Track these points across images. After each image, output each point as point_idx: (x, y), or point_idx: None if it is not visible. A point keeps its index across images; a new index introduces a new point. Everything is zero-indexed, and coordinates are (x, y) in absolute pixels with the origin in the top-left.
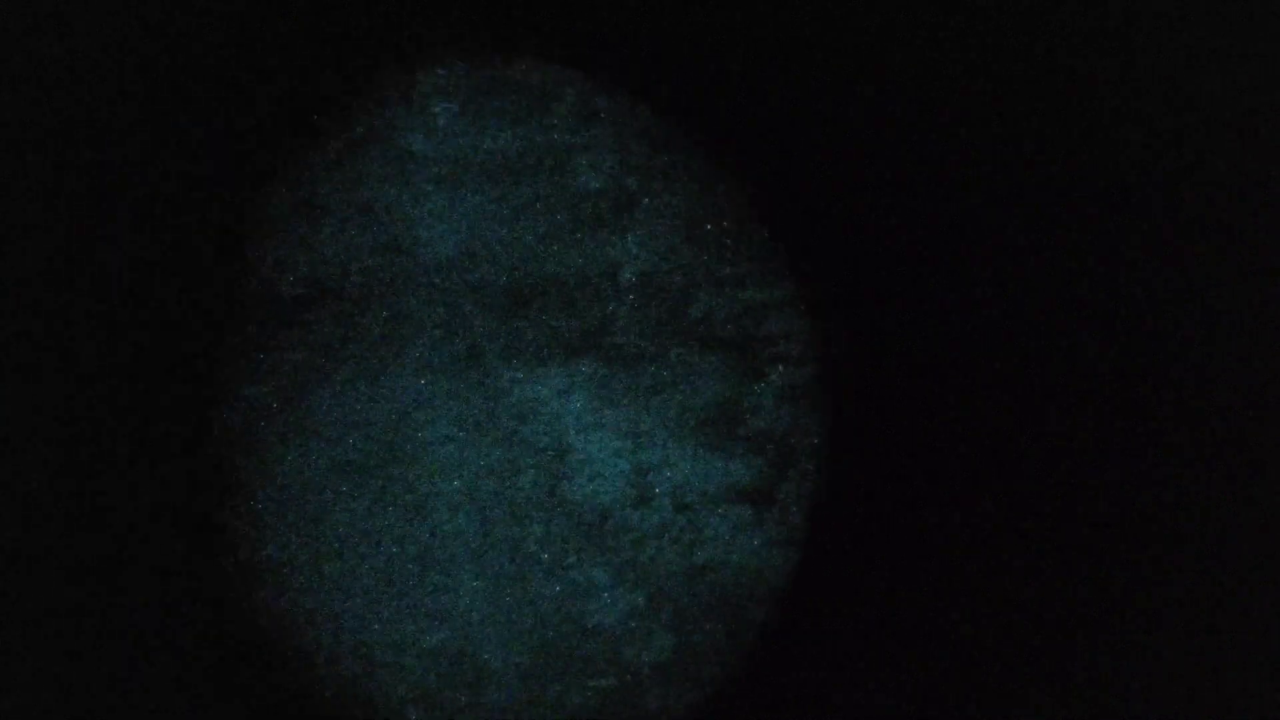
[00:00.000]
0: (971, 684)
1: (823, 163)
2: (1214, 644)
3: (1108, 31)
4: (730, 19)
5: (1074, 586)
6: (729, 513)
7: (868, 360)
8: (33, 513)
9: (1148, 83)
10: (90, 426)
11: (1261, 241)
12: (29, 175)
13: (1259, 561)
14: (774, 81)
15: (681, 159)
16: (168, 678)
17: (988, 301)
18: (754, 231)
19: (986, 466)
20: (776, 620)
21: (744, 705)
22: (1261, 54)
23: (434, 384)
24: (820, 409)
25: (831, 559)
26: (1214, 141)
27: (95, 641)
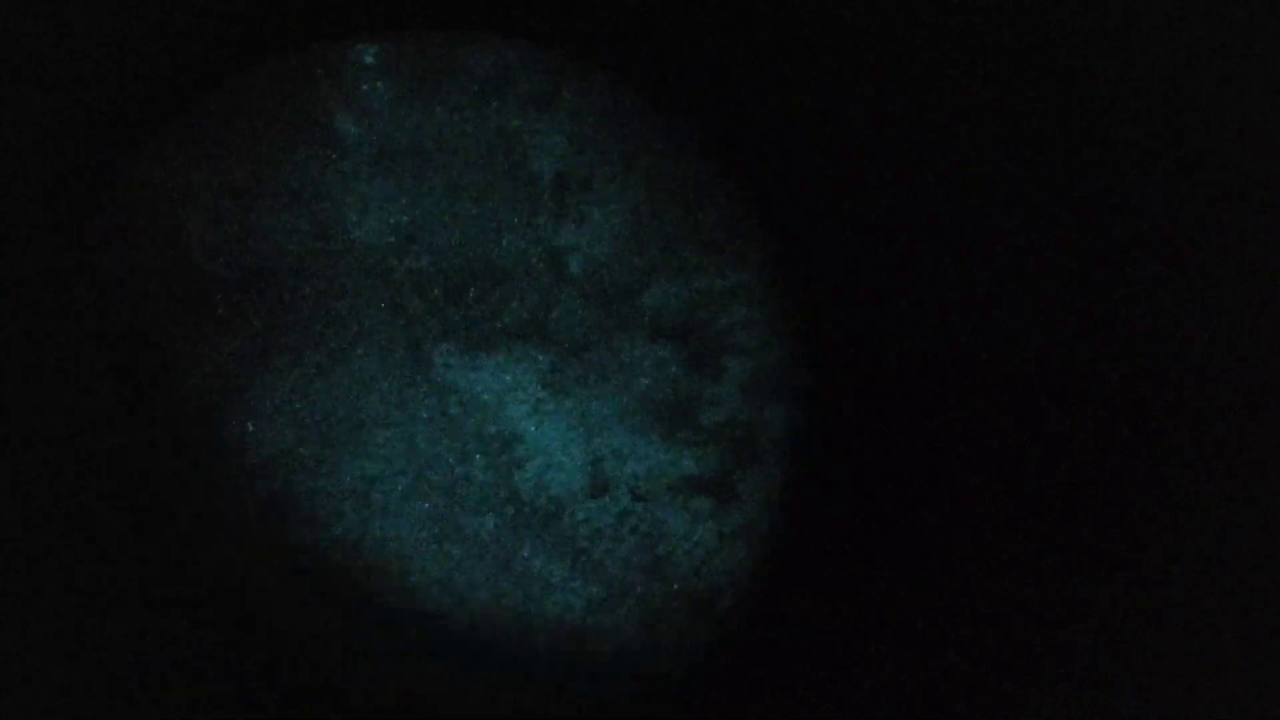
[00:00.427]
0: (937, 672)
1: (792, 150)
2: (1209, 641)
3: (1081, 23)
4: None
5: (1046, 577)
6: (688, 504)
7: (831, 350)
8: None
9: (1132, 75)
10: (25, 423)
11: (1258, 241)
12: None
13: (1244, 560)
14: (740, 65)
15: (638, 146)
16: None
17: (956, 289)
18: (710, 219)
19: (952, 455)
20: (739, 611)
21: (707, 696)
22: (1261, 54)
23: (374, 371)
24: (779, 399)
25: (792, 549)
26: (1193, 139)
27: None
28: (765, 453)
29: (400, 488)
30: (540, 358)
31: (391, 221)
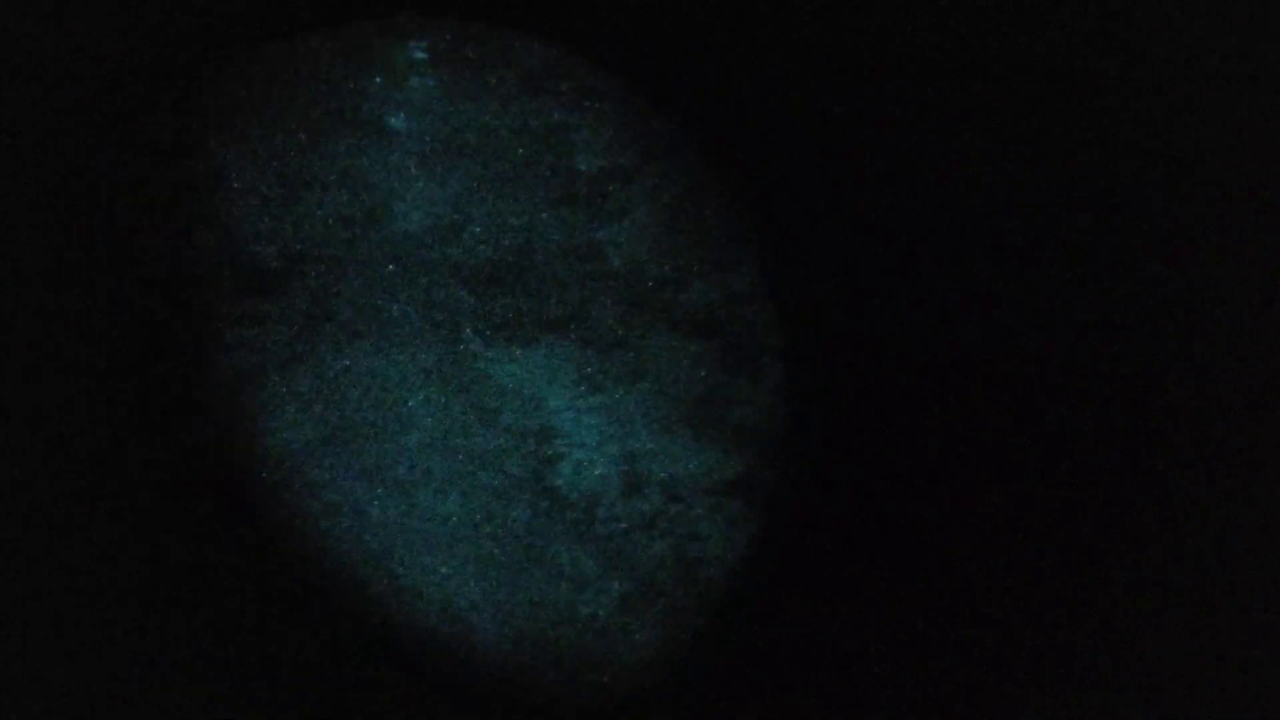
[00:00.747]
0: (954, 673)
1: (790, 150)
2: (1208, 641)
3: (1081, 23)
4: (733, 12)
5: (1048, 577)
6: (721, 505)
7: (834, 348)
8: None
9: (1132, 75)
10: (75, 405)
11: (1258, 241)
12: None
13: (1244, 560)
14: (773, 73)
15: (679, 145)
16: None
17: (958, 289)
18: (748, 219)
19: (974, 459)
20: (763, 610)
21: (730, 696)
22: (1262, 54)
23: (413, 360)
24: (806, 399)
25: (816, 551)
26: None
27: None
28: (792, 453)
29: (435, 476)
30: (578, 352)
31: (436, 213)
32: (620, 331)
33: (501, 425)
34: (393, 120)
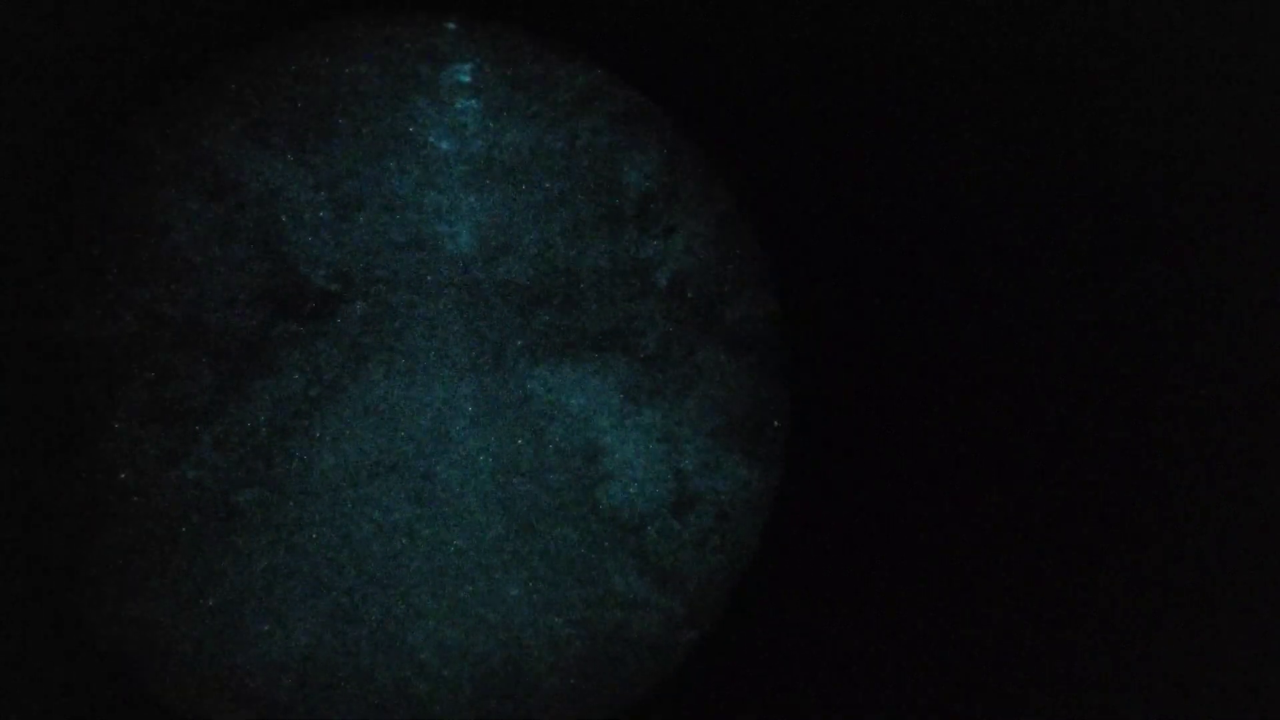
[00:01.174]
0: (955, 673)
1: (790, 151)
2: (1207, 641)
3: (1081, 23)
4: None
5: (1046, 577)
6: (770, 522)
7: (855, 353)
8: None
9: (1132, 75)
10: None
11: (1258, 241)
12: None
13: (1244, 560)
14: (741, 64)
15: (723, 164)
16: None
17: (958, 290)
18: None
19: (975, 460)
20: (765, 610)
21: (730, 696)
22: (1262, 54)
23: (460, 379)
24: (808, 400)
25: (817, 551)
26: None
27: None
28: (842, 470)
29: (485, 496)
30: (625, 370)
31: (482, 234)
32: (668, 348)
33: (549, 444)
34: (440, 142)
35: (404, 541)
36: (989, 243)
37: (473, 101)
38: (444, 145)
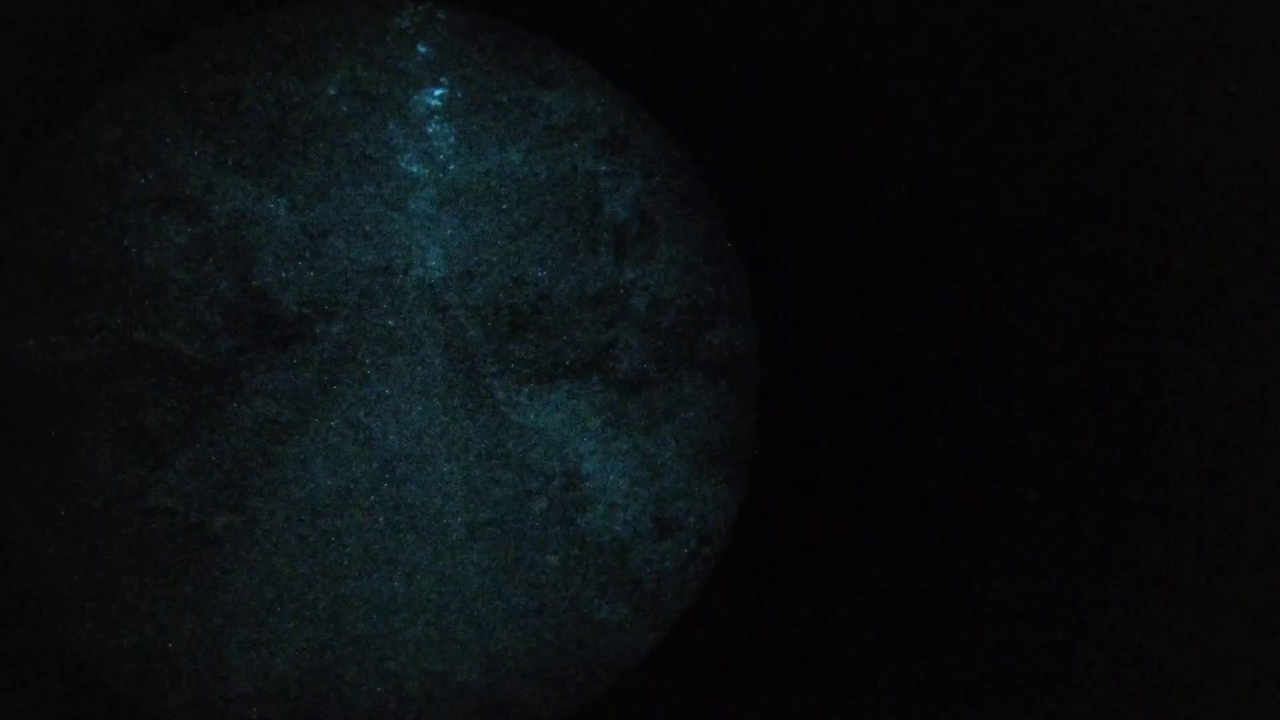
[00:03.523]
0: (952, 674)
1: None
2: (1207, 640)
3: (1080, 23)
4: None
5: (1044, 578)
6: (753, 549)
7: (831, 363)
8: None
9: (1133, 76)
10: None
11: (1259, 241)
12: None
13: (1244, 560)
14: (725, 67)
15: (703, 190)
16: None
17: (958, 292)
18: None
19: (973, 462)
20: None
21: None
22: (1262, 54)
23: (434, 404)
24: (783, 407)
25: (810, 552)
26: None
27: None
28: (824, 495)
29: (465, 524)
30: (603, 395)
31: (454, 258)
32: (646, 373)
33: (528, 470)
34: (410, 167)
35: (381, 567)
36: (969, 266)
37: (444, 125)
38: (414, 169)
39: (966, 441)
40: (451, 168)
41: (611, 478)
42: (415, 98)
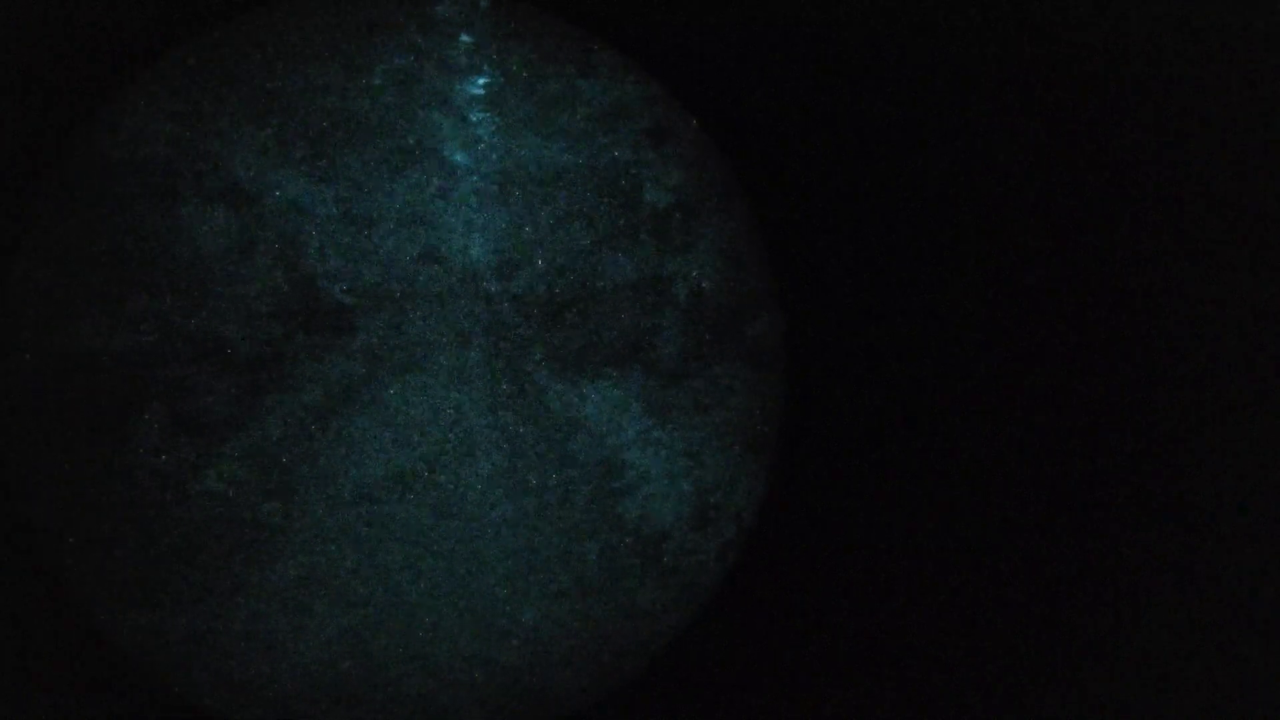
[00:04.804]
0: (956, 673)
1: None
2: (1206, 640)
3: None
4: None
5: (1041, 577)
6: (787, 536)
7: (856, 358)
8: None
9: (1130, 69)
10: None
11: (1259, 241)
12: None
13: (1244, 560)
14: (753, 65)
15: (744, 181)
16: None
17: (957, 292)
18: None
19: (975, 461)
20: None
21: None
22: (1262, 54)
23: (480, 395)
24: (809, 404)
25: (813, 552)
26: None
27: None
28: (866, 489)
29: (506, 510)
30: (644, 384)
31: (497, 247)
32: (687, 363)
33: (570, 459)
34: (454, 156)
35: (425, 554)
36: (1001, 259)
37: (487, 115)
38: (458, 158)
39: (1000, 431)
40: (494, 157)
41: (652, 467)
42: (458, 87)
